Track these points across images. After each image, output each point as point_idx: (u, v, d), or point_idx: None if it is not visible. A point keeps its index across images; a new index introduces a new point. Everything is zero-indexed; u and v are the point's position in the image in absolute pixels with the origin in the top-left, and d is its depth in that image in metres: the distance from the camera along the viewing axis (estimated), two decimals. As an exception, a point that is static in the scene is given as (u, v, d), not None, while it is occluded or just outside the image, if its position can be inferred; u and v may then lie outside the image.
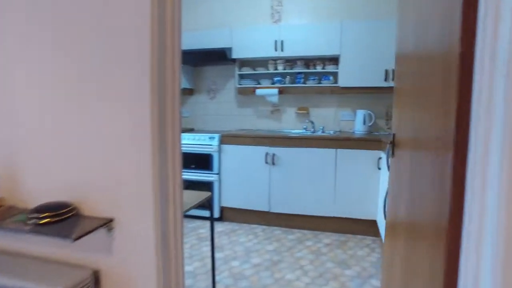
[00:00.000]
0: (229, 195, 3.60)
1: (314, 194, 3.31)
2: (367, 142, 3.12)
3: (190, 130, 4.21)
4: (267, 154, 3.41)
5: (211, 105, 4.27)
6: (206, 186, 3.65)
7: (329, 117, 3.85)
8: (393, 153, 1.72)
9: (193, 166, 3.67)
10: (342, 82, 3.44)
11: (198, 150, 3.63)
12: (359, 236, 3.23)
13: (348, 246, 3.01)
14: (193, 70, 4.27)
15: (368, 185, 3.16)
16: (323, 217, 3.33)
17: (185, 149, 3.66)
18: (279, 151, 3.38)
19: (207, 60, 3.74)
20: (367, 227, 3.22)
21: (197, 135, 3.65)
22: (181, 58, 1.29)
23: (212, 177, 3.60)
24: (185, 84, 4.09)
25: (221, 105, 4.22)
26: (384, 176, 2.89)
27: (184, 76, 4.08)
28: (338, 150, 3.21)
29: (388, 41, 3.26)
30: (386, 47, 3.27)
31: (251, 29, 3.65)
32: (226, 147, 3.56)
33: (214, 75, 4.22)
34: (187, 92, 4.20)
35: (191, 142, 3.65)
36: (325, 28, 3.43)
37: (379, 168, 3.09)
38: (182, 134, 3.37)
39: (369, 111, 3.56)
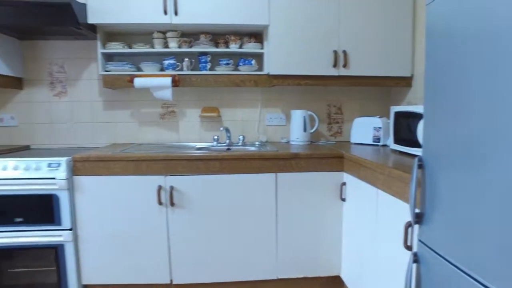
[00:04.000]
0: (97, 264, 2.04)
1: (243, 248, 2.06)
2: (324, 160, 2.02)
3: (24, 149, 2.45)
4: (160, 188, 1.99)
5: (58, 106, 2.56)
6: (49, 253, 2.00)
7: (250, 122, 2.63)
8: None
9: (19, 220, 1.97)
10: (271, 68, 2.27)
11: (27, 190, 1.95)
12: (313, 302, 2.13)
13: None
14: (20, 45, 2.48)
15: (327, 225, 2.06)
16: (260, 281, 2.11)
17: (2, 188, 1.94)
18: (180, 181, 2.00)
19: (42, 22, 2.04)
20: (329, 287, 2.14)
21: (24, 161, 1.96)
22: None
23: (60, 235, 1.98)
24: (3, 70, 2.29)
25: (76, 105, 2.56)
26: (351, 210, 1.84)
27: (3, 55, 2.28)
28: (279, 174, 2.02)
29: (342, 8, 2.22)
30: (338, 18, 2.22)
31: (120, -25, 2.15)
32: (83, 180, 1.99)
33: (61, 56, 2.52)
34: (12, 84, 2.40)
35: (10, 174, 1.94)
36: (244, -17, 2.20)
37: (343, 199, 2.02)
38: (1, 158, 1.78)
39: (310, 112, 2.48)
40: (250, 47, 2.35)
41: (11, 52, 2.39)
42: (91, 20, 2.15)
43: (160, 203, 2.00)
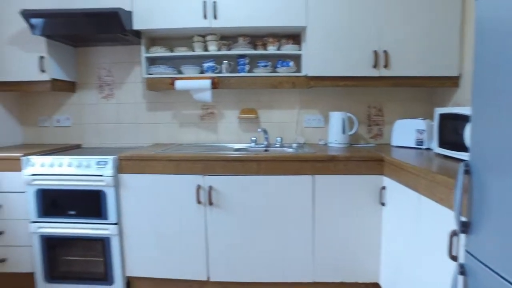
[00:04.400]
0: (140, 258, 2.15)
1: (280, 250, 2.06)
2: (364, 162, 1.97)
3: (76, 148, 2.63)
4: (199, 187, 2.06)
5: (105, 107, 2.73)
6: (97, 245, 2.14)
7: (288, 124, 2.63)
8: None
9: (72, 213, 2.13)
10: (308, 69, 2.25)
11: (79, 185, 2.10)
12: (350, 308, 2.08)
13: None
14: (74, 52, 2.67)
15: (365, 229, 2.01)
16: (296, 284, 2.10)
17: (57, 183, 2.10)
18: (218, 181, 2.05)
19: (93, 30, 2.19)
20: (363, 293, 2.09)
21: (76, 159, 2.11)
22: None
23: (106, 229, 2.11)
24: (60, 75, 2.49)
25: (121, 107, 2.71)
26: (391, 216, 1.78)
27: (60, 61, 2.48)
28: (317, 177, 2.00)
29: (382, 7, 2.16)
30: (378, 17, 2.17)
31: (163, -17, 2.24)
32: (128, 179, 2.10)
33: (108, 61, 2.68)
34: (66, 88, 2.60)
35: (64, 171, 2.10)
36: (282, -15, 2.20)
37: (383, 204, 1.96)
38: (56, 156, 2.03)
39: (349, 114, 2.43)
40: (288, 48, 2.35)
41: (67, 59, 2.58)
42: (136, 26, 2.26)
43: (199, 202, 2.06)
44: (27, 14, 2.13)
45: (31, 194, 2.14)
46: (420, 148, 2.16)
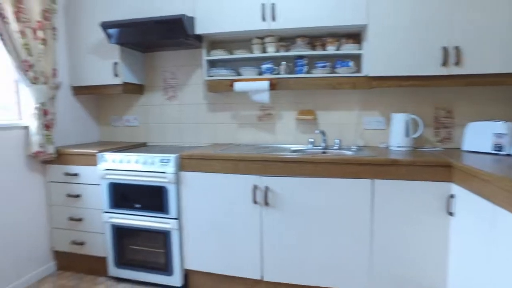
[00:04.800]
0: (197, 252, 2.25)
1: (335, 255, 2.01)
2: (429, 168, 1.84)
3: (142, 146, 2.84)
4: (256, 188, 2.09)
5: (169, 108, 2.90)
6: (159, 237, 2.28)
7: (347, 125, 2.55)
8: None
9: (138, 206, 2.30)
10: (370, 69, 2.16)
11: (144, 181, 2.26)
12: (410, 322, 1.95)
13: None
14: (143, 57, 2.89)
15: (430, 240, 1.87)
16: (351, 291, 2.03)
17: (126, 178, 2.29)
18: (275, 182, 2.06)
19: (160, 36, 2.33)
20: (426, 308, 1.95)
21: (142, 156, 2.27)
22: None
23: (167, 223, 2.24)
24: (130, 78, 2.71)
25: (184, 108, 2.86)
26: (461, 227, 1.63)
27: (130, 66, 2.70)
28: (377, 181, 1.91)
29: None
30: (448, 10, 2.00)
31: (225, -12, 2.32)
32: (188, 176, 2.21)
33: (172, 64, 2.85)
34: (135, 90, 2.82)
35: (132, 167, 2.28)
36: (343, -17, 2.14)
37: (451, 213, 1.81)
38: (125, 153, 2.07)
39: (414, 116, 2.29)
40: (348, 48, 2.28)
41: (137, 64, 2.79)
42: (198, 31, 2.37)
43: (255, 201, 2.09)
44: (105, 25, 2.36)
45: (104, 187, 2.35)
46: (498, 154, 1.95)
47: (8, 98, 2.42)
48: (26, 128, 2.37)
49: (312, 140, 2.51)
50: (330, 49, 2.33)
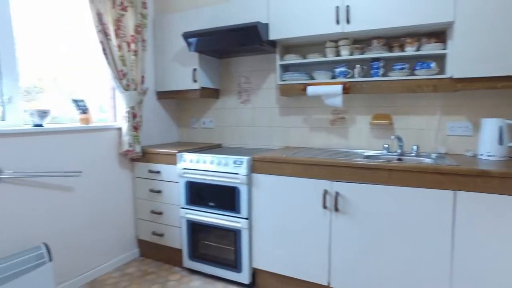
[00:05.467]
0: (265, 252, 2.31)
1: (408, 268, 1.89)
2: (525, 181, 1.63)
3: (217, 147, 3.00)
4: (326, 192, 2.07)
5: (243, 112, 3.02)
6: (230, 235, 2.39)
7: (427, 131, 2.38)
8: None
9: (211, 204, 2.44)
10: (455, 70, 1.98)
11: (218, 181, 2.39)
12: None
13: None
14: (219, 63, 3.05)
15: (524, 263, 1.66)
16: (427, 309, 1.89)
17: (201, 177, 2.44)
18: (346, 188, 2.02)
19: (236, 43, 2.45)
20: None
21: (217, 157, 2.41)
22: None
23: (238, 222, 2.34)
24: (207, 83, 2.89)
25: (257, 112, 2.95)
26: None
27: (207, 72, 2.88)
28: (459, 193, 1.75)
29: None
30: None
31: (299, -7, 2.34)
32: (259, 178, 2.27)
33: (247, 69, 2.96)
34: (212, 94, 3.00)
35: (207, 167, 2.42)
36: (426, -20, 2.01)
37: (553, 235, 1.58)
38: (201, 154, 2.22)
39: (509, 121, 2.04)
40: (430, 48, 2.13)
41: (213, 69, 2.97)
42: (272, 37, 2.42)
43: (324, 206, 2.07)
44: (186, 35, 2.56)
45: (182, 184, 2.55)
46: None
47: (106, 103, 2.77)
48: (119, 129, 2.68)
49: (387, 146, 2.39)
50: (409, 50, 2.20)
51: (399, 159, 2.26)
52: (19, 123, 2.11)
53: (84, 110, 2.46)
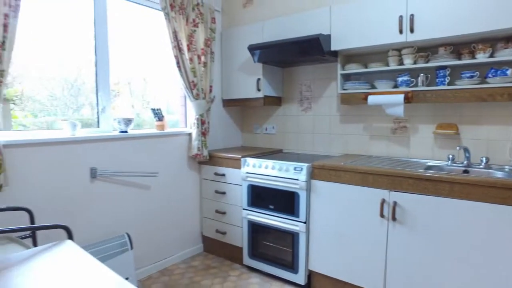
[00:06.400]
0: (321, 255, 2.38)
1: (467, 285, 1.82)
2: None
3: (278, 152, 3.15)
4: (384, 201, 2.08)
5: (304, 119, 3.11)
6: (288, 237, 2.50)
7: (499, 142, 2.25)
8: None
9: (271, 207, 2.58)
10: (533, 79, 1.86)
11: (278, 185, 2.52)
12: None
13: None
14: (281, 72, 3.20)
15: None
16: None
17: (263, 181, 2.60)
18: (404, 198, 2.01)
19: (298, 54, 2.57)
20: None
21: (278, 163, 2.54)
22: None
23: (296, 225, 2.44)
24: (270, 92, 3.05)
25: (318, 119, 3.03)
26: None
27: (270, 81, 3.04)
28: (532, 210, 1.66)
29: None
30: None
31: (360, 3, 2.38)
32: (318, 185, 2.35)
33: (308, 78, 3.06)
34: (274, 102, 3.15)
35: (269, 172, 2.57)
36: (499, -15, 1.92)
37: None
38: (263, 159, 2.38)
39: None
40: (506, 54, 2.01)
41: (276, 79, 3.12)
42: (334, 47, 2.49)
43: (382, 215, 2.08)
44: (251, 48, 2.74)
45: (245, 187, 2.73)
46: None
47: (178, 111, 3.08)
48: (189, 134, 2.96)
49: (452, 156, 2.30)
50: (481, 57, 2.10)
51: (465, 171, 2.17)
52: (109, 129, 2.48)
53: (160, 118, 2.77)
